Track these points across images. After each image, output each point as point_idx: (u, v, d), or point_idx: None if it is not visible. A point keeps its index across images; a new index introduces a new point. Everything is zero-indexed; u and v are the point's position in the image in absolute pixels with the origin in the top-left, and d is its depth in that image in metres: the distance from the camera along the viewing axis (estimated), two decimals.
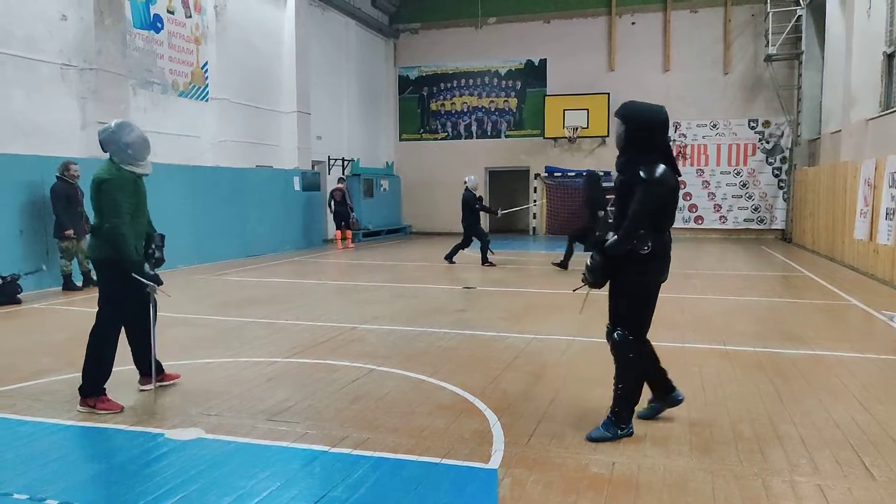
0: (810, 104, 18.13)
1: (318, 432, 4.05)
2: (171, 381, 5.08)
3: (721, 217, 20.77)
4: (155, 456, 3.71)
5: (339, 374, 5.32)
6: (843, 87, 14.36)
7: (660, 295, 4.05)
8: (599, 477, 3.43)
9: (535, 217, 22.52)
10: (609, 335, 4.03)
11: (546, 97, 21.65)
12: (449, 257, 13.22)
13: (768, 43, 18.66)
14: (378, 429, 4.10)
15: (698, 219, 20.95)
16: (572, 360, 5.80)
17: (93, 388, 4.50)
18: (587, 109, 20.86)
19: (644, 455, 3.70)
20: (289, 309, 8.33)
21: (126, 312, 4.68)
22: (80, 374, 4.54)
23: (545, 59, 22.19)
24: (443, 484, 3.35)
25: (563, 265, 12.05)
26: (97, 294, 4.80)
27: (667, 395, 4.23)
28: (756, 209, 20.49)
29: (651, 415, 4.22)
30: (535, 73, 22.39)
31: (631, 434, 3.92)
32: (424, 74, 23.59)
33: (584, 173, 12.56)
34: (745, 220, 20.56)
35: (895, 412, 4.41)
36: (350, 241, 17.64)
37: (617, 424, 3.90)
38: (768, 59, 19.09)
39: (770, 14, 18.50)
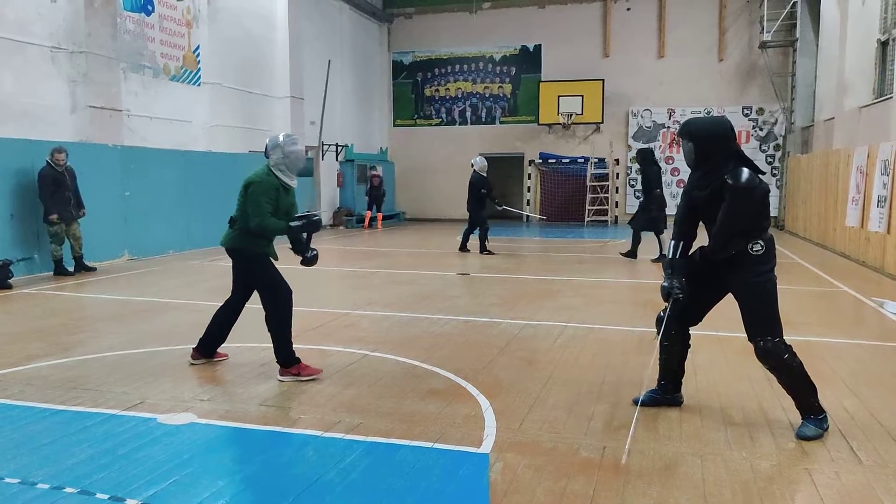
0: (804, 91, 18.14)
1: (311, 417, 4.06)
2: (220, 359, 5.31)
3: None
4: (147, 440, 3.71)
5: (332, 360, 5.33)
6: (836, 74, 14.36)
7: (649, 282, 4.05)
8: (590, 461, 3.45)
9: (528, 204, 22.51)
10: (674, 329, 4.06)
11: (541, 83, 21.57)
12: (462, 246, 12.84)
13: (763, 30, 18.64)
14: (371, 413, 4.12)
15: None
16: (565, 345, 5.82)
17: (289, 359, 4.82)
18: (582, 95, 20.81)
19: (635, 440, 3.72)
20: None
21: (283, 286, 4.95)
22: (273, 351, 4.87)
23: (540, 45, 22.10)
24: (435, 468, 3.37)
25: (633, 254, 11.74)
26: (89, 279, 4.79)
27: (673, 393, 4.25)
28: None
29: (648, 402, 4.21)
30: (529, 59, 22.29)
31: (828, 428, 3.83)
32: (418, 60, 23.46)
33: (638, 151, 12.09)
34: None
35: (883, 398, 4.45)
36: (379, 223, 19.35)
37: (819, 422, 3.80)
38: (763, 45, 19.07)
39: (765, 1, 18.44)
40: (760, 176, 3.80)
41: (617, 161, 21.63)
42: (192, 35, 14.51)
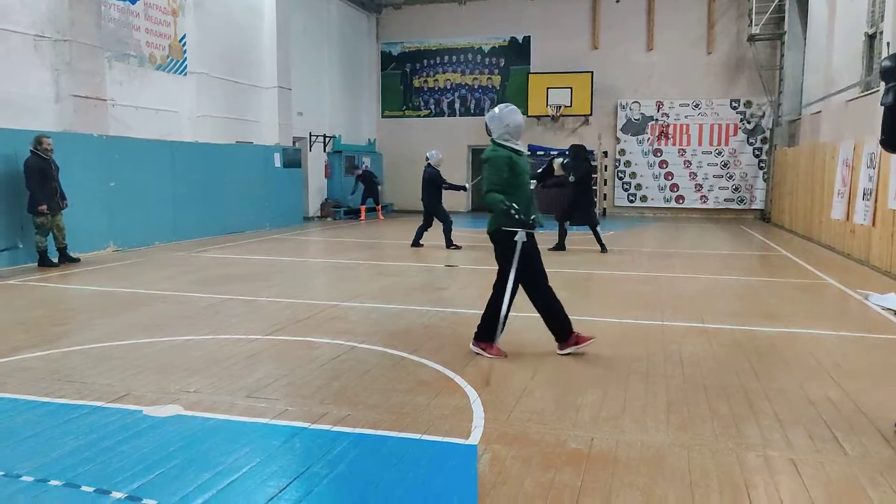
0: (791, 85, 18.23)
1: (298, 409, 4.04)
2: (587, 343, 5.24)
3: (702, 197, 20.91)
4: (133, 433, 3.68)
5: (319, 352, 5.31)
6: (823, 68, 14.43)
7: (638, 273, 4.05)
8: (578, 452, 3.46)
9: None
10: None
11: (530, 75, 21.55)
12: (415, 243, 12.46)
13: (751, 23, 18.69)
14: (358, 405, 4.10)
15: (679, 198, 21.08)
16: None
17: (487, 335, 5.16)
18: (571, 88, 20.80)
19: (622, 431, 3.74)
20: (269, 286, 8.28)
21: (524, 272, 5.11)
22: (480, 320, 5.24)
23: (529, 37, 22.06)
24: (423, 460, 3.36)
25: (560, 247, 11.78)
26: (74, 270, 4.76)
27: None
28: (736, 189, 20.65)
29: None
30: (518, 51, 22.25)
31: None
32: (407, 50, 23.35)
33: (569, 149, 12.31)
34: (725, 200, 20.72)
35: (868, 389, 4.49)
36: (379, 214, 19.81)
37: None
38: (751, 39, 19.13)
39: None
40: None
41: (605, 153, 21.65)
42: (179, 24, 14.35)
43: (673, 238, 14.57)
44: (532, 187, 5.27)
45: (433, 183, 12.25)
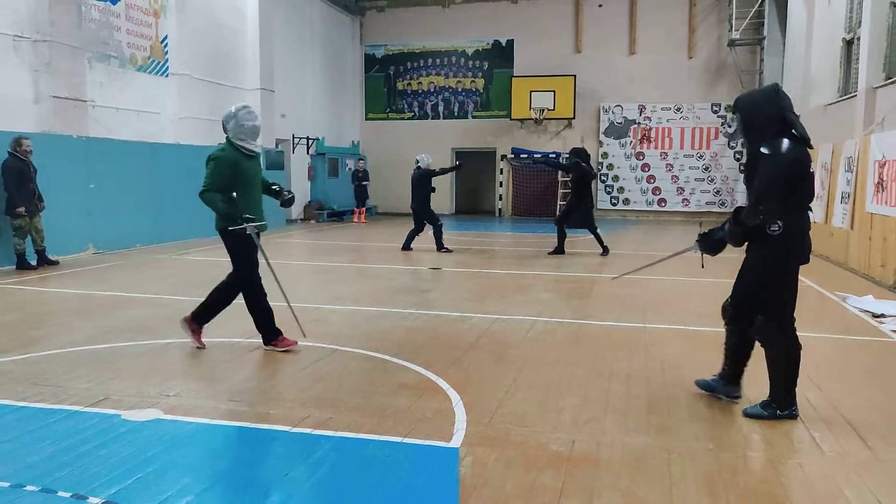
0: None
1: (280, 412, 4.02)
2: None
3: (684, 200, 21.08)
4: (110, 437, 3.63)
5: (301, 355, 5.28)
6: (803, 72, 14.62)
7: (623, 277, 4.09)
8: (559, 455, 3.47)
9: (500, 199, 22.57)
10: (729, 314, 4.12)
11: (513, 78, 21.61)
12: (406, 246, 12.38)
13: (731, 28, 18.89)
14: (340, 408, 4.09)
15: (661, 201, 21.24)
16: (535, 339, 5.84)
17: (272, 330, 5.37)
18: (554, 91, 20.88)
19: (603, 433, 3.75)
20: None
21: (255, 270, 5.30)
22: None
23: (512, 40, 22.13)
24: (404, 463, 3.36)
25: (560, 250, 11.78)
26: (53, 273, 4.75)
27: (730, 383, 4.23)
28: (718, 192, 20.84)
29: (706, 388, 4.30)
30: (501, 54, 22.32)
31: (795, 416, 3.91)
32: (391, 53, 23.33)
33: (570, 152, 12.43)
34: (706, 203, 20.90)
35: (845, 390, 4.55)
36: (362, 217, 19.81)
37: (772, 409, 3.90)
38: (731, 43, 19.34)
39: None
40: (807, 150, 3.76)
41: (589, 156, 21.71)
42: (160, 24, 14.22)
43: (654, 240, 14.66)
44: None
45: (423, 182, 12.18)
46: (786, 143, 3.70)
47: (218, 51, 16.04)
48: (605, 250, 11.71)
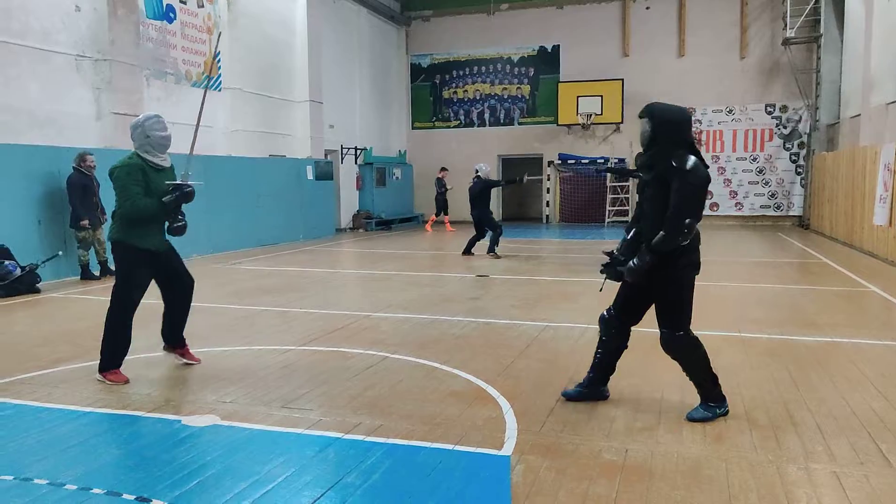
0: (829, 88, 17.87)
1: (332, 419, 4.08)
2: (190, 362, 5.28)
3: (737, 204, 20.57)
4: (172, 442, 3.75)
5: (352, 362, 5.35)
6: (862, 70, 14.13)
7: None
8: (612, 464, 3.42)
9: (548, 205, 22.43)
10: (615, 325, 4.27)
11: (559, 84, 21.48)
12: (466, 251, 12.74)
13: (786, 26, 18.38)
14: (391, 415, 4.12)
15: (714, 206, 20.75)
16: (585, 347, 5.77)
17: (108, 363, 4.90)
18: (601, 96, 20.69)
19: (657, 442, 3.69)
20: (302, 297, 8.37)
21: (139, 295, 5.00)
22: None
23: (558, 46, 22.02)
24: (456, 470, 3.37)
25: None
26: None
27: (599, 386, 4.37)
28: (773, 195, 20.27)
29: (574, 397, 4.34)
30: (548, 60, 22.22)
31: (727, 413, 4.04)
32: (436, 62, 23.48)
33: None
34: (761, 207, 20.35)
35: None
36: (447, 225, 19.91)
37: (711, 408, 4.02)
38: (786, 42, 18.81)
39: None
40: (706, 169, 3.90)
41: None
42: (213, 41, 14.66)
43: (708, 245, 14.31)
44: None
45: (485, 192, 12.76)
46: (695, 160, 3.82)
47: (268, 64, 16.43)
48: None
